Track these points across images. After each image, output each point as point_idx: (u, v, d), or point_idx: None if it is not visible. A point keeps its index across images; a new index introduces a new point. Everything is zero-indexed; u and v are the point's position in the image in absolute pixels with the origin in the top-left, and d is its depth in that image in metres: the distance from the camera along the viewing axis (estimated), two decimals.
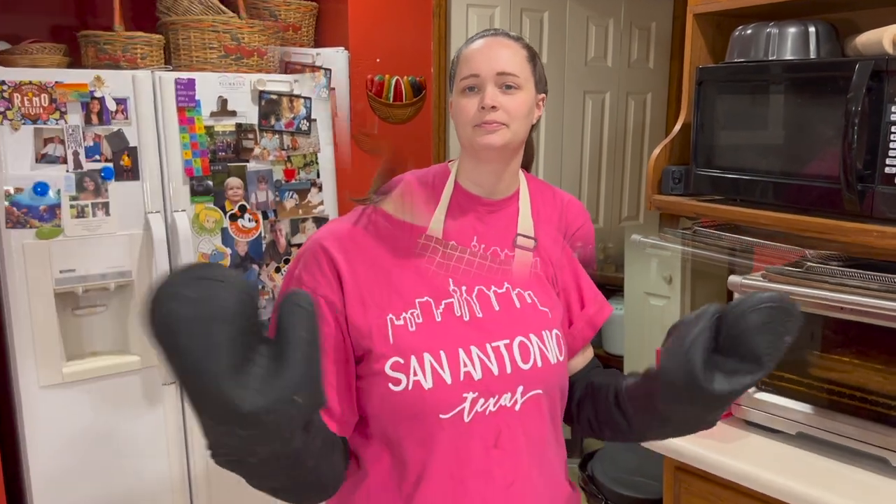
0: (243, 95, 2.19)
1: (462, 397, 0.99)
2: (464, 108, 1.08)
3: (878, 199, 1.29)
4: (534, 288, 1.11)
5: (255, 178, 2.22)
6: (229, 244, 2.19)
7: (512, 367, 1.03)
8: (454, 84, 1.12)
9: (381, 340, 1.00)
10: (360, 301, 1.01)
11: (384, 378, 0.99)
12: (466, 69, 1.09)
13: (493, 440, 1.01)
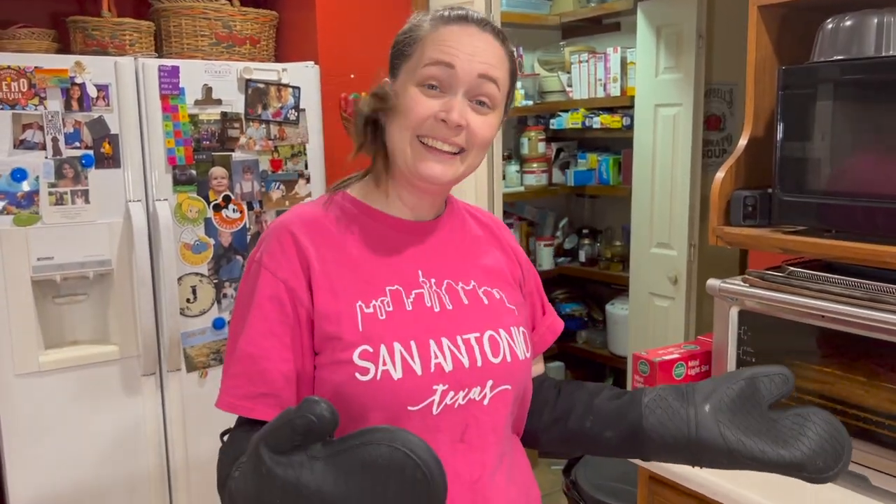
0: (229, 84, 2.15)
1: (432, 389, 0.94)
2: (415, 103, 0.93)
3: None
4: (501, 286, 1.07)
5: (240, 168, 2.19)
6: (213, 234, 2.16)
7: (482, 360, 0.98)
8: (403, 65, 0.97)
9: (349, 328, 0.93)
10: (329, 287, 0.95)
11: (351, 367, 0.92)
12: (436, 52, 0.93)
13: (459, 434, 0.96)
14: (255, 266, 0.96)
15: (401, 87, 0.96)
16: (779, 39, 1.56)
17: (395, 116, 0.96)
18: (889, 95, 1.24)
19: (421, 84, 0.94)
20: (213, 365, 2.20)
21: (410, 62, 0.96)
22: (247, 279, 0.97)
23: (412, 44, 0.97)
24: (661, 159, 3.12)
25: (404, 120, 0.95)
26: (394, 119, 0.96)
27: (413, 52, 0.96)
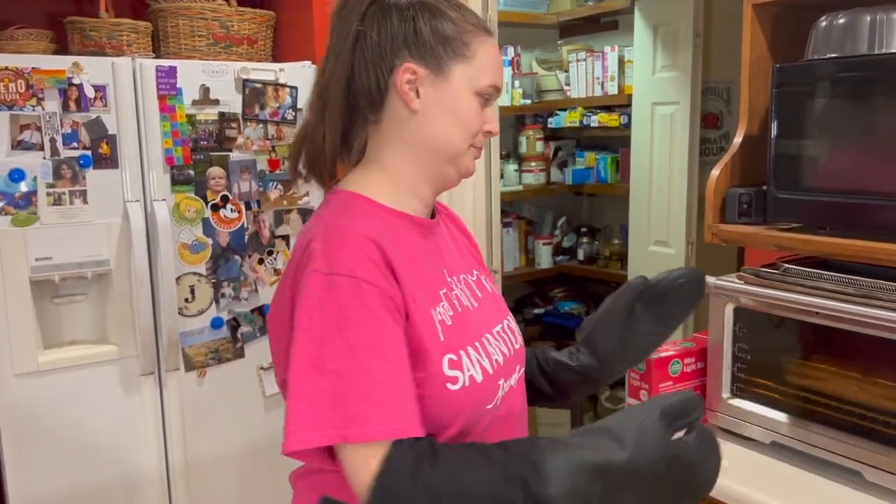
0: (227, 84, 2.16)
1: (498, 385, 0.97)
2: (478, 116, 0.98)
3: None
4: (485, 272, 1.12)
5: (237, 168, 2.19)
6: (210, 234, 2.17)
7: (512, 348, 1.03)
8: (457, 65, 0.95)
9: (432, 338, 0.90)
10: (412, 297, 0.90)
11: (441, 377, 0.89)
12: (494, 75, 0.99)
13: (513, 422, 1.02)
14: (346, 280, 0.85)
15: (457, 90, 0.97)
16: (773, 38, 1.56)
17: (446, 118, 0.96)
18: (882, 92, 1.25)
19: (479, 95, 0.98)
20: (212, 364, 2.21)
21: (469, 68, 0.97)
22: (334, 296, 0.84)
23: (465, 45, 0.96)
24: (658, 157, 3.12)
25: (464, 124, 0.97)
26: (444, 121, 0.97)
27: (471, 57, 0.97)
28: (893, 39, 1.28)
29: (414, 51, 0.95)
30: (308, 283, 0.85)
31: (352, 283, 0.84)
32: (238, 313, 2.24)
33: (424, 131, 0.97)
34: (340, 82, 0.96)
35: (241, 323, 2.24)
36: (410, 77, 0.95)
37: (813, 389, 1.37)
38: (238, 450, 2.29)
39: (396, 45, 0.95)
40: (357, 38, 0.95)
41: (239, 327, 2.24)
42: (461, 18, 0.97)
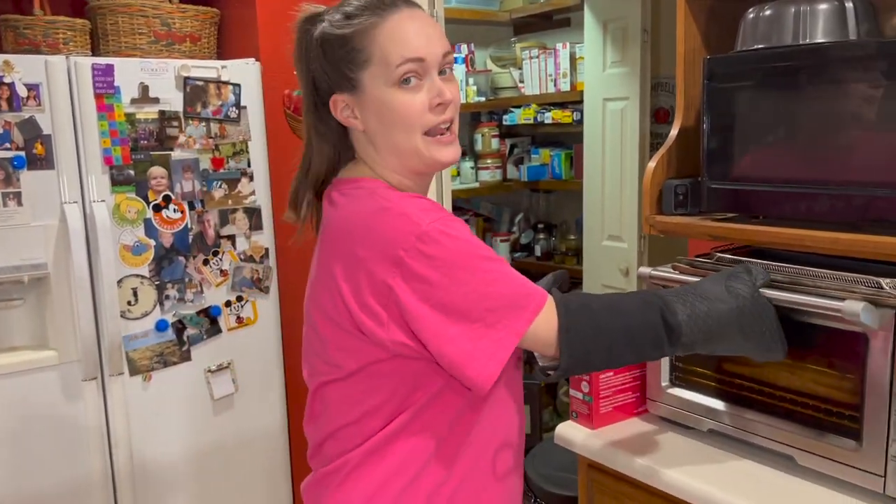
0: (167, 82, 2.12)
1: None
2: (408, 107, 0.97)
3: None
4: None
5: (180, 168, 2.15)
6: (153, 235, 2.13)
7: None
8: (360, 73, 0.99)
9: None
10: None
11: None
12: (402, 50, 0.96)
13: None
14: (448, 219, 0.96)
15: (375, 95, 0.98)
16: (707, 31, 1.58)
17: (386, 126, 0.99)
18: (806, 82, 1.26)
19: (398, 84, 0.97)
20: (157, 368, 2.17)
21: (373, 68, 0.97)
22: (458, 227, 0.95)
23: (358, 52, 0.98)
24: (610, 153, 3.14)
25: (403, 124, 0.98)
26: (385, 128, 0.99)
27: (369, 58, 0.97)
28: (817, 30, 1.30)
29: (334, 83, 1.01)
30: (431, 233, 0.92)
31: (452, 218, 0.96)
32: (183, 315, 2.20)
33: (381, 143, 1.02)
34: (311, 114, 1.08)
35: (186, 325, 2.20)
36: (343, 107, 1.02)
37: (747, 377, 1.38)
38: (186, 454, 2.25)
39: (327, 84, 1.02)
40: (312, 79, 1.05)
41: (185, 330, 2.20)
42: (349, 24, 0.98)
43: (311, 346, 1.08)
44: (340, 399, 1.03)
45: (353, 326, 0.97)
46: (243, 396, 2.35)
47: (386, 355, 0.97)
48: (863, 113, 1.18)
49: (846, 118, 1.21)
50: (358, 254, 0.95)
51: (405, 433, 1.01)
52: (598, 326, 0.99)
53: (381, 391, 1.00)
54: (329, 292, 0.99)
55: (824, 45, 1.26)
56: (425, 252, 0.92)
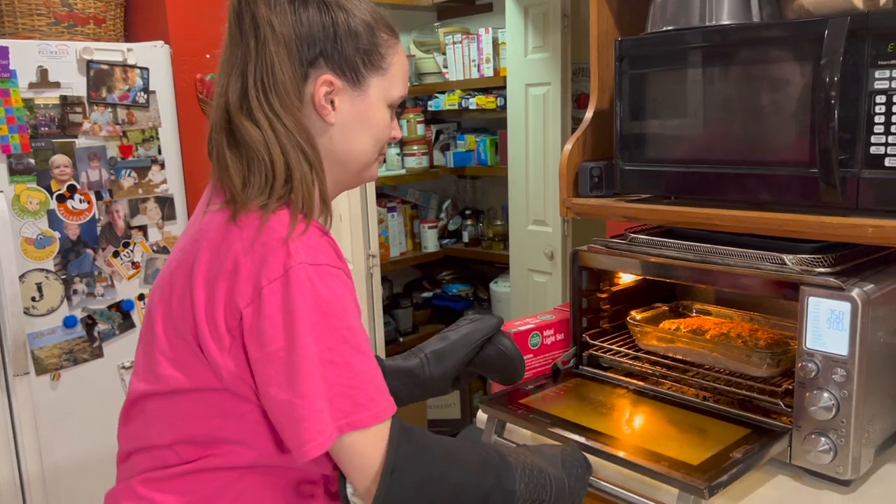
0: (68, 65, 2.01)
1: None
2: (385, 125, 1.00)
3: (863, 187, 1.09)
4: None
5: (85, 156, 2.05)
6: (58, 227, 2.02)
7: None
8: (373, 77, 0.95)
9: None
10: None
11: None
12: (404, 85, 1.00)
13: None
14: (330, 270, 0.86)
15: (372, 102, 0.97)
16: (620, 13, 1.59)
17: (359, 128, 0.96)
18: (712, 63, 1.28)
19: (390, 106, 0.99)
20: (67, 366, 2.07)
21: (384, 80, 0.97)
22: (334, 287, 0.85)
23: (381, 57, 0.97)
24: (533, 138, 3.16)
25: (377, 134, 0.98)
26: (357, 130, 0.96)
27: (386, 69, 0.97)
28: (722, 12, 1.32)
29: (331, 61, 0.92)
30: (295, 276, 0.82)
31: (334, 272, 0.85)
32: (93, 311, 2.10)
33: (337, 144, 0.95)
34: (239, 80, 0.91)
35: (97, 321, 2.11)
36: (328, 90, 0.93)
37: (661, 354, 1.41)
38: (101, 454, 2.16)
39: (313, 50, 0.91)
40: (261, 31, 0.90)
41: (95, 325, 2.11)
42: (376, 24, 0.95)
43: (144, 345, 0.96)
44: (158, 416, 0.93)
45: (195, 341, 0.87)
46: None
47: (218, 385, 0.88)
48: (764, 94, 1.21)
49: (749, 99, 1.23)
50: (225, 265, 0.85)
51: (215, 472, 0.93)
52: (428, 481, 0.87)
53: (201, 420, 0.90)
54: (180, 294, 0.89)
55: (728, 27, 1.28)
56: (286, 293, 0.82)
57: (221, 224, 0.88)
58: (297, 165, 0.89)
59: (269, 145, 0.88)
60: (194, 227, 0.95)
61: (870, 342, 1.09)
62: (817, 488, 1.14)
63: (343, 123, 0.95)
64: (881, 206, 1.09)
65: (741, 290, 1.23)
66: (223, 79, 0.93)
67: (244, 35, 0.91)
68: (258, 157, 0.88)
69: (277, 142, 0.88)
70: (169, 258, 0.98)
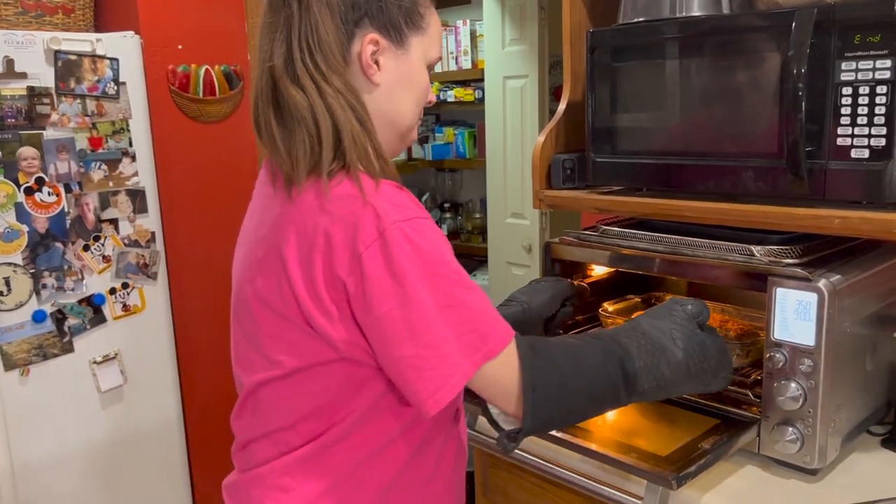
0: (35, 55, 1.98)
1: None
2: (427, 86, 0.99)
3: (830, 178, 1.09)
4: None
5: (53, 148, 2.02)
6: (26, 221, 1.99)
7: None
8: (415, 37, 0.95)
9: None
10: None
11: None
12: (439, 47, 0.99)
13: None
14: (422, 222, 0.86)
15: (414, 61, 0.96)
16: (592, 4, 1.58)
17: (403, 89, 0.96)
18: (682, 55, 1.28)
19: (428, 68, 0.99)
20: (36, 361, 2.04)
21: (424, 40, 0.97)
22: (428, 235, 0.86)
23: (421, 17, 0.96)
24: (511, 131, 3.16)
25: (416, 96, 0.98)
26: (402, 91, 0.96)
27: (426, 29, 0.97)
28: (693, 3, 1.31)
29: (376, 20, 0.92)
30: (391, 236, 0.83)
31: (423, 223, 0.86)
32: (63, 305, 2.07)
33: (383, 105, 0.95)
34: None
35: (67, 315, 2.08)
36: (374, 49, 0.92)
37: None
38: (73, 451, 2.14)
39: (357, 10, 0.91)
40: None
41: (65, 320, 2.08)
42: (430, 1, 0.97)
43: (247, 337, 0.96)
44: (277, 400, 0.93)
45: (302, 320, 0.87)
46: (133, 388, 2.25)
47: (335, 356, 0.88)
48: (734, 86, 1.21)
49: (719, 91, 1.24)
50: (316, 240, 0.85)
51: (343, 444, 0.93)
52: (564, 386, 0.91)
53: (322, 395, 0.91)
54: (276, 280, 0.88)
55: (698, 18, 1.28)
56: (386, 254, 0.83)
57: (295, 200, 0.88)
58: (346, 125, 0.88)
59: (315, 109, 0.87)
60: (267, 211, 0.93)
61: (836, 332, 1.10)
62: (785, 477, 1.15)
63: (388, 83, 0.94)
64: (847, 197, 1.10)
65: (711, 281, 1.24)
66: (266, 45, 0.92)
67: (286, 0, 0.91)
68: (303, 123, 0.88)
69: (324, 103, 0.88)
70: (244, 248, 0.97)
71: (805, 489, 1.12)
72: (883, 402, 1.29)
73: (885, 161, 1.05)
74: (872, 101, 1.05)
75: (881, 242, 1.29)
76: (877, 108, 1.05)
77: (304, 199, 0.87)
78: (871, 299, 1.19)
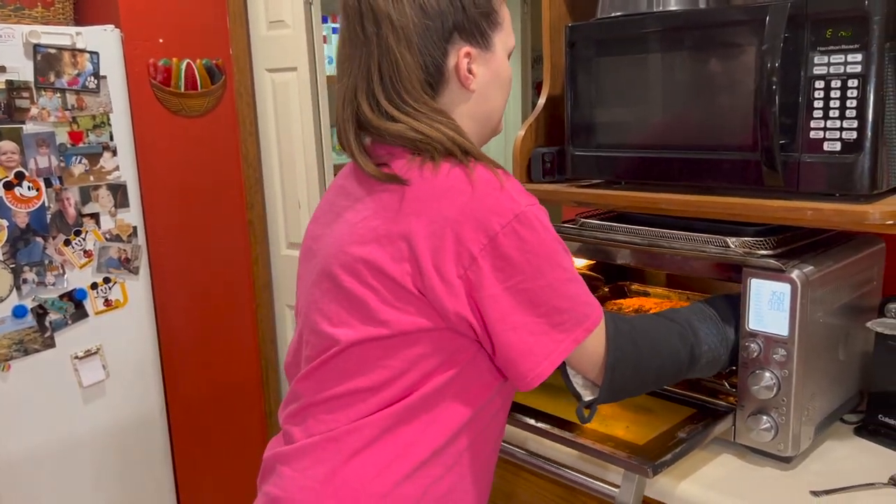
0: (13, 49, 1.96)
1: None
2: (510, 77, 1.04)
3: (804, 171, 1.12)
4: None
5: (33, 142, 2.00)
6: (5, 215, 1.97)
7: None
8: (496, 34, 0.99)
9: None
10: None
11: None
12: (513, 34, 1.04)
13: None
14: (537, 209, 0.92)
15: (500, 58, 1.01)
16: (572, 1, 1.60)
17: (496, 89, 1.01)
18: (659, 49, 1.30)
19: (507, 56, 1.03)
20: (17, 357, 2.02)
21: (503, 34, 1.01)
22: (548, 223, 0.92)
23: (496, 13, 1.00)
24: None
25: (507, 88, 1.04)
26: (495, 91, 1.01)
27: (502, 23, 1.01)
28: None
29: (464, 32, 0.96)
30: (526, 218, 0.89)
31: (544, 210, 0.92)
32: (44, 300, 2.06)
33: (481, 107, 1.00)
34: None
35: (48, 310, 2.07)
36: (468, 60, 0.97)
37: None
38: (54, 447, 2.13)
39: (446, 27, 0.94)
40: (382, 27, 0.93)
41: (46, 315, 2.07)
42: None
43: (345, 297, 0.95)
44: (373, 360, 0.95)
45: (417, 287, 0.90)
46: (116, 383, 2.24)
47: (442, 325, 0.92)
48: (710, 79, 1.22)
49: (695, 85, 1.25)
50: (450, 215, 0.89)
51: (423, 409, 0.95)
52: (639, 366, 1.01)
53: (416, 360, 0.94)
54: (399, 250, 0.91)
55: (675, 12, 1.30)
56: (519, 233, 0.89)
57: (430, 180, 0.91)
58: (456, 137, 0.93)
59: (422, 129, 0.92)
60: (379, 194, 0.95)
61: (809, 322, 1.12)
62: (760, 465, 1.17)
63: (482, 86, 0.99)
64: (820, 189, 1.12)
65: (687, 272, 1.25)
66: (345, 80, 0.97)
67: (366, 34, 0.94)
68: (416, 138, 0.93)
69: (423, 125, 0.93)
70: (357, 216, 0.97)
71: (779, 476, 1.14)
72: (855, 391, 1.31)
73: (856, 154, 1.07)
74: (844, 95, 1.07)
75: (853, 234, 1.32)
76: (848, 102, 1.07)
77: (445, 173, 0.91)
78: (843, 290, 1.21)
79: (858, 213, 1.06)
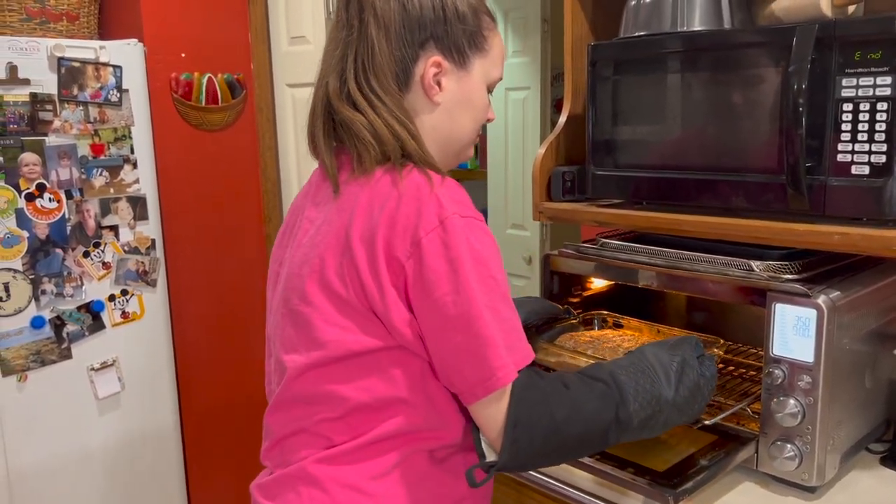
0: (38, 62, 1.98)
1: None
2: (485, 106, 1.03)
3: (830, 194, 1.09)
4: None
5: (55, 154, 2.02)
6: (26, 226, 1.99)
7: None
8: (477, 58, 0.99)
9: None
10: None
11: None
12: (500, 67, 1.03)
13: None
14: (484, 226, 0.90)
15: (475, 82, 1.00)
16: (594, 18, 1.58)
17: (462, 109, 1.00)
18: (683, 69, 1.28)
19: (489, 88, 1.02)
20: (34, 367, 2.03)
21: (486, 61, 1.00)
22: (483, 239, 0.88)
23: (484, 39, 1.00)
24: (513, 143, 3.16)
25: (477, 115, 1.01)
26: (461, 111, 0.99)
27: (489, 51, 1.00)
28: (694, 17, 1.32)
29: (440, 42, 0.96)
30: (451, 226, 0.85)
31: (480, 225, 0.89)
32: (62, 311, 2.07)
33: (444, 124, 0.99)
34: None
35: (66, 321, 2.08)
36: (436, 70, 0.96)
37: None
38: (69, 458, 2.13)
39: (423, 32, 0.95)
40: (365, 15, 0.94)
41: (64, 326, 2.08)
42: (479, 7, 0.99)
43: (297, 323, 0.95)
44: (327, 388, 0.93)
45: (363, 303, 0.89)
46: (131, 395, 2.24)
47: (391, 342, 0.90)
48: (735, 100, 1.21)
49: (719, 105, 1.24)
50: (381, 222, 0.87)
51: (389, 441, 0.93)
52: (553, 431, 0.89)
53: (375, 383, 0.91)
54: (339, 261, 0.90)
55: (699, 33, 1.29)
56: (445, 241, 0.85)
57: (365, 185, 0.91)
58: (405, 137, 0.93)
59: (374, 125, 0.92)
60: (330, 203, 0.95)
61: (835, 349, 1.09)
62: (783, 495, 1.14)
63: (448, 103, 0.98)
64: (847, 213, 1.10)
65: (709, 296, 1.23)
66: (325, 62, 0.97)
67: (349, 19, 0.95)
68: (363, 138, 0.92)
69: (380, 119, 0.92)
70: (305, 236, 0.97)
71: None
72: (882, 419, 1.28)
73: (886, 178, 1.04)
74: (873, 118, 1.05)
75: (881, 259, 1.29)
76: (877, 125, 1.05)
77: (376, 180, 0.90)
78: (870, 316, 1.18)
79: (887, 238, 1.04)
